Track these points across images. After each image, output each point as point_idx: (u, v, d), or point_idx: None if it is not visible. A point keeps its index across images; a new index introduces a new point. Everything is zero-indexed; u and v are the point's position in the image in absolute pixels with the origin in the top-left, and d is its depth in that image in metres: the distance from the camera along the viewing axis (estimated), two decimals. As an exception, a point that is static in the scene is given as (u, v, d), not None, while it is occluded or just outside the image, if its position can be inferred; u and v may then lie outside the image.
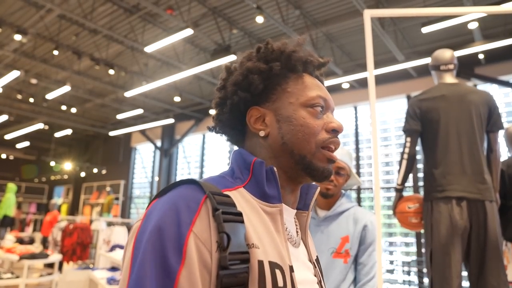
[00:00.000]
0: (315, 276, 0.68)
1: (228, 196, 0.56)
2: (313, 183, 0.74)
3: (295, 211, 0.71)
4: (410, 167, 2.30)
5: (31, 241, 7.37)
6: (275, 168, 0.63)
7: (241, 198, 0.60)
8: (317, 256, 0.75)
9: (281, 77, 0.69)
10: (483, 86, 6.29)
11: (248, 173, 0.64)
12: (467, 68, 5.74)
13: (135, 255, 0.50)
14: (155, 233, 0.50)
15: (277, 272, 0.55)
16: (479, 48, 5.31)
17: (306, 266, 0.67)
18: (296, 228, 0.71)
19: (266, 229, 0.59)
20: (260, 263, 0.53)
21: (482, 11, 2.01)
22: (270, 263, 0.55)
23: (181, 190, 0.55)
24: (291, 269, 0.58)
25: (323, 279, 0.71)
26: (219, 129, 0.74)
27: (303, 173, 0.66)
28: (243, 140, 0.72)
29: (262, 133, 0.67)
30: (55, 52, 6.45)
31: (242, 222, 0.54)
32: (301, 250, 0.69)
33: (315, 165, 0.65)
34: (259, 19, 5.13)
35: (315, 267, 0.70)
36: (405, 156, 2.29)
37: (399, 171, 2.32)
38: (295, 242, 0.67)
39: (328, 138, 0.67)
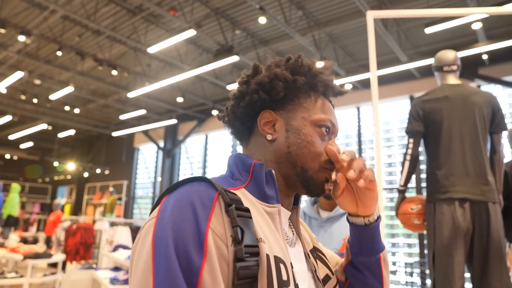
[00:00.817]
0: (309, 270, 0.70)
1: (235, 194, 0.59)
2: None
3: (290, 213, 0.74)
4: (413, 168, 2.29)
5: (35, 241, 7.41)
6: (273, 171, 0.66)
7: (244, 198, 0.62)
8: (313, 246, 0.78)
9: (301, 92, 0.72)
10: (487, 87, 6.27)
11: (248, 174, 0.67)
12: (470, 68, 5.72)
13: (157, 252, 0.50)
14: (174, 229, 0.51)
15: (281, 266, 0.57)
16: (483, 49, 5.28)
17: (303, 264, 0.70)
18: (291, 228, 0.74)
19: (268, 226, 0.61)
20: (267, 257, 0.55)
21: (485, 12, 2.00)
22: (275, 257, 0.57)
23: (194, 187, 0.57)
24: (291, 265, 0.61)
25: (319, 266, 0.74)
26: (228, 120, 0.76)
27: (300, 185, 0.70)
28: (248, 136, 0.75)
29: (269, 137, 0.70)
30: (59, 53, 6.48)
31: (251, 217, 0.57)
32: (297, 248, 0.72)
33: (314, 181, 0.69)
34: (262, 20, 5.14)
35: (309, 259, 0.72)
36: (408, 157, 2.28)
37: (401, 172, 2.31)
38: (291, 242, 0.70)
39: (328, 165, 0.70)
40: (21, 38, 5.94)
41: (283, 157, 0.69)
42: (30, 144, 14.00)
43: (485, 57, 5.84)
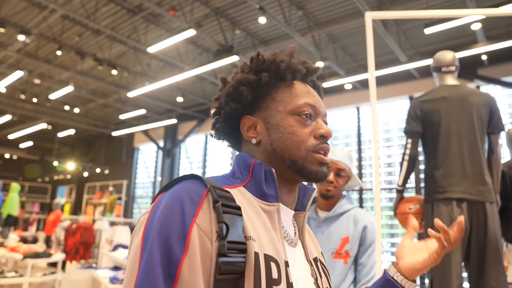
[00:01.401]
0: (311, 275, 0.69)
1: (227, 192, 0.60)
2: (309, 185, 0.77)
3: (293, 212, 0.73)
4: (411, 168, 2.30)
5: (35, 241, 7.42)
6: (273, 170, 0.66)
7: (241, 196, 0.63)
8: (316, 257, 0.76)
9: (270, 87, 0.71)
10: (486, 87, 6.28)
11: (248, 173, 0.68)
12: (470, 69, 5.73)
13: (145, 244, 0.53)
14: (162, 224, 0.53)
15: (272, 264, 0.57)
16: (482, 49, 5.29)
17: (303, 265, 0.69)
18: (294, 229, 0.73)
19: (263, 225, 0.62)
20: (256, 254, 0.56)
21: (483, 13, 2.01)
22: (266, 255, 0.57)
23: (185, 184, 0.59)
24: (287, 264, 0.61)
25: (322, 278, 0.73)
26: (217, 137, 0.78)
27: (297, 176, 0.69)
28: (239, 147, 0.76)
29: (254, 141, 0.71)
30: (58, 53, 6.49)
31: (240, 215, 0.57)
32: (298, 249, 0.71)
33: (308, 168, 0.68)
34: (262, 20, 5.14)
35: (312, 265, 0.71)
36: (406, 157, 2.29)
37: (400, 172, 2.32)
38: (292, 241, 0.69)
39: (317, 144, 0.69)
40: (21, 37, 5.94)
41: (270, 155, 0.69)
42: (29, 143, 14.01)
43: (484, 57, 5.85)
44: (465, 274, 2.14)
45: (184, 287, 0.50)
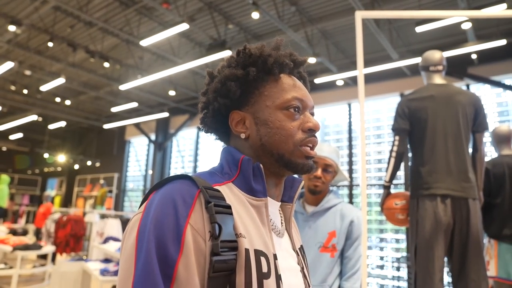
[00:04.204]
0: (298, 264, 0.73)
1: (218, 191, 0.61)
2: (297, 177, 0.79)
3: (280, 203, 0.76)
4: (398, 164, 2.36)
5: (24, 233, 7.38)
6: (261, 165, 0.68)
7: (230, 192, 0.65)
8: (301, 245, 0.79)
9: (258, 81, 0.71)
10: (476, 86, 6.37)
11: (236, 169, 0.69)
12: (460, 67, 5.81)
13: (140, 244, 0.54)
14: (156, 225, 0.54)
15: (262, 259, 0.60)
16: (472, 48, 5.37)
17: (290, 254, 0.72)
18: (281, 220, 0.76)
19: (252, 220, 0.64)
20: (247, 251, 0.58)
21: (471, 15, 2.06)
22: (256, 251, 0.60)
23: (177, 185, 0.60)
24: (275, 257, 0.63)
25: (306, 267, 0.76)
26: (206, 131, 0.80)
27: (284, 169, 0.70)
28: (228, 141, 0.78)
29: (242, 136, 0.71)
30: (50, 44, 6.42)
31: (231, 214, 0.59)
32: (285, 239, 0.74)
33: (294, 162, 0.69)
34: (255, 15, 5.15)
35: (298, 255, 0.75)
36: (394, 154, 2.35)
37: (387, 168, 2.38)
38: (279, 232, 0.72)
39: (305, 137, 0.70)
40: (11, 28, 5.86)
41: (259, 150, 0.70)
42: (19, 135, 13.85)
43: (474, 56, 5.93)
44: (446, 269, 2.21)
45: (181, 286, 0.52)
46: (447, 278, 3.74)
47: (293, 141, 0.69)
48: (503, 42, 5.14)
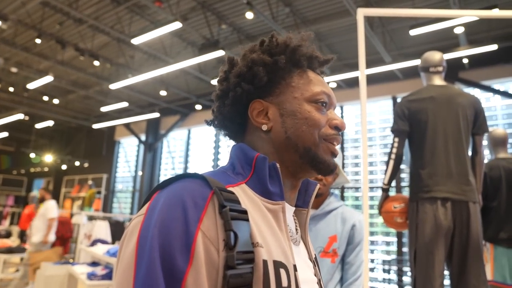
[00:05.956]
0: (315, 275, 0.66)
1: (232, 193, 0.54)
2: (312, 180, 0.73)
3: (294, 208, 0.69)
4: (397, 167, 2.32)
5: (8, 235, 7.18)
6: (277, 164, 0.61)
7: (244, 195, 0.58)
8: (315, 255, 0.73)
9: (285, 71, 0.67)
10: (466, 90, 6.42)
11: (250, 168, 0.62)
12: (451, 71, 5.84)
13: (140, 253, 0.47)
14: (161, 230, 0.47)
15: (282, 271, 0.53)
16: (463, 53, 5.42)
17: (307, 265, 0.66)
18: (296, 226, 0.70)
19: (269, 227, 0.57)
20: (265, 262, 0.51)
21: (474, 14, 2.03)
22: (275, 262, 0.53)
23: (187, 184, 0.52)
24: (295, 268, 0.57)
25: (321, 278, 0.70)
26: (218, 123, 0.71)
27: (308, 167, 0.65)
28: (242, 134, 0.70)
29: (264, 127, 0.65)
30: (38, 41, 6.26)
31: (247, 220, 0.52)
32: (301, 248, 0.68)
33: (320, 158, 0.64)
34: (249, 15, 5.10)
35: (315, 265, 0.69)
36: (393, 156, 2.30)
37: (385, 171, 2.33)
38: (296, 240, 0.66)
39: (331, 134, 0.66)
40: (-2, 23, 5.71)
41: (282, 144, 0.64)
42: (5, 134, 13.54)
43: (465, 61, 5.98)
44: (447, 272, 2.17)
45: None
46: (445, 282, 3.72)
47: (320, 133, 0.65)
48: (494, 47, 5.18)
